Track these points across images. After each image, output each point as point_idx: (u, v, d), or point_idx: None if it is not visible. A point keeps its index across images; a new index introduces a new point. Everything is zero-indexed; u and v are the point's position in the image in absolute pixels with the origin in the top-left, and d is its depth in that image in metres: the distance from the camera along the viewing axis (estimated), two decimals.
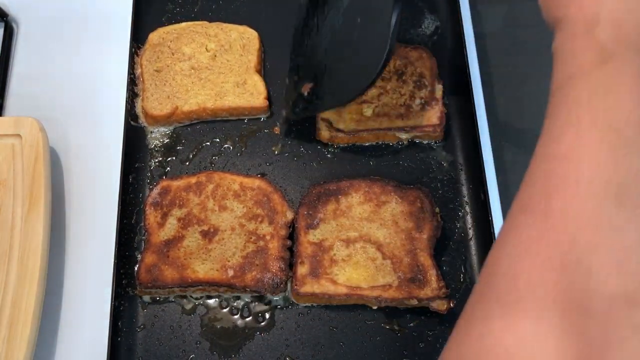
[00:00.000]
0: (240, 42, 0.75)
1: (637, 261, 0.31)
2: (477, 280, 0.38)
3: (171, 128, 0.74)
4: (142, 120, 0.73)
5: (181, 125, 0.74)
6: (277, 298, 0.65)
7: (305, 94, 0.67)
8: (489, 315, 0.34)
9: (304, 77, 0.68)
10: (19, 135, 0.68)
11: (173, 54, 0.75)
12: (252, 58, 0.74)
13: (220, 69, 0.74)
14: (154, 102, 0.72)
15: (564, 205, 0.33)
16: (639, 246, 0.31)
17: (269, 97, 0.73)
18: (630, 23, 0.35)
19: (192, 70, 0.74)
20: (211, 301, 0.65)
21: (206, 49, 0.75)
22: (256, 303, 0.65)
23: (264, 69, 0.77)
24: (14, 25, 0.81)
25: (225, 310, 0.65)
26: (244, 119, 0.74)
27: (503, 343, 0.32)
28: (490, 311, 0.34)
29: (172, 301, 0.65)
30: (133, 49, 0.76)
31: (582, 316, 0.31)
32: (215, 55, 0.74)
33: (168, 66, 0.74)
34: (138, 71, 0.75)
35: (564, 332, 0.31)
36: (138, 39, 0.77)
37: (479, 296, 0.36)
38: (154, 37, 0.76)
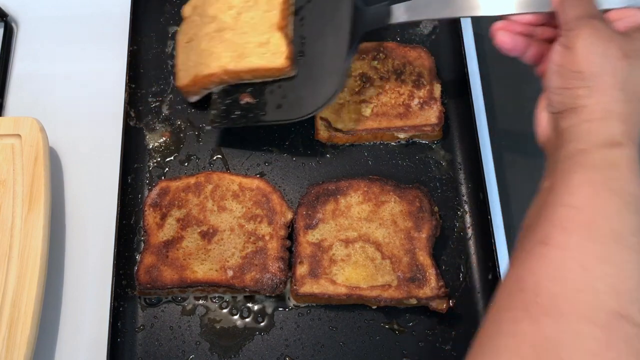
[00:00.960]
0: None
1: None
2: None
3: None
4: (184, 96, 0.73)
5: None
6: (276, 298, 0.65)
7: (243, 102, 0.68)
8: None
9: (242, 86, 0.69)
10: (18, 135, 0.68)
11: (201, 20, 0.71)
12: (275, 13, 0.67)
13: (244, 28, 0.68)
14: (183, 73, 0.71)
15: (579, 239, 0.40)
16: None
17: (293, 56, 0.66)
18: (633, 121, 0.43)
19: (216, 33, 0.69)
20: (211, 302, 0.65)
21: (229, 6, 0.69)
22: (256, 303, 0.65)
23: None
24: (14, 25, 0.82)
25: (224, 310, 0.65)
26: None
27: None
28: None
29: (172, 302, 0.65)
30: (132, 49, 0.76)
31: None
32: (240, 13, 0.68)
33: (196, 34, 0.71)
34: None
35: None
36: (137, 39, 0.78)
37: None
38: (187, 9, 0.74)
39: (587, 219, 0.40)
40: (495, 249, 0.63)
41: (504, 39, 0.52)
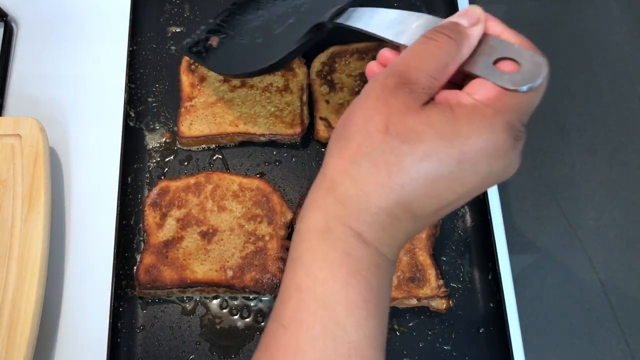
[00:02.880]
0: None
1: None
2: None
3: None
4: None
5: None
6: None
7: (212, 44, 0.68)
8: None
9: (217, 31, 0.69)
10: (18, 135, 0.68)
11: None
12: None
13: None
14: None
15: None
16: None
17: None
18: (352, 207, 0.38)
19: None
20: (211, 302, 0.65)
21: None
22: (255, 303, 0.65)
23: None
24: (14, 25, 0.81)
25: (224, 310, 0.65)
26: None
27: None
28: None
29: (172, 302, 0.66)
30: (132, 49, 0.76)
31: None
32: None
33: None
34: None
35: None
36: (137, 39, 0.78)
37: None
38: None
39: (291, 342, 0.38)
40: (495, 249, 0.63)
41: (371, 67, 0.48)
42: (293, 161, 0.72)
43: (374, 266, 0.38)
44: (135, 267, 0.66)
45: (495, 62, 0.40)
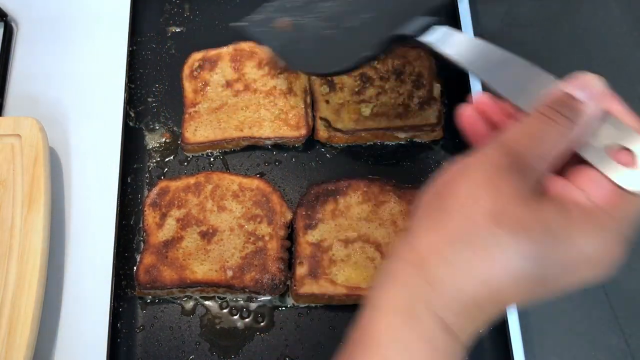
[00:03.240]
0: None
1: None
2: None
3: None
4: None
5: None
6: (276, 298, 0.65)
7: (276, 27, 0.63)
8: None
9: (284, 13, 0.64)
10: (18, 135, 0.68)
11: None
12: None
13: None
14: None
15: None
16: None
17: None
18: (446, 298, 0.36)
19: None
20: (210, 302, 0.65)
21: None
22: (255, 303, 0.65)
23: None
24: (14, 25, 0.82)
25: (224, 310, 0.65)
26: None
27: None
28: None
29: (172, 302, 0.65)
30: (132, 49, 0.76)
31: None
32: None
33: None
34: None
35: None
36: (136, 39, 0.78)
37: None
38: None
39: None
40: None
41: (467, 113, 0.44)
42: (293, 161, 0.72)
43: (451, 355, 0.36)
44: (135, 267, 0.66)
45: (609, 147, 0.36)
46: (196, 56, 0.75)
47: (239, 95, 0.72)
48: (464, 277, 0.35)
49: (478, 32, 0.78)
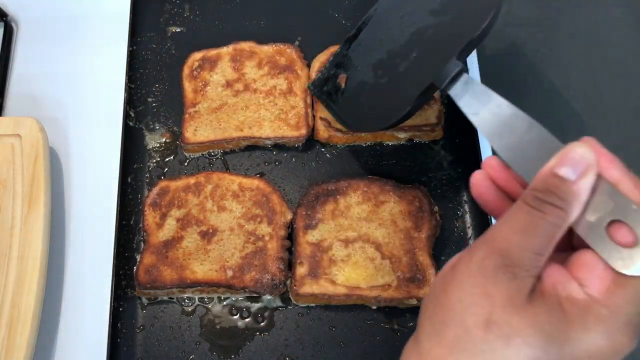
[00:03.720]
0: None
1: None
2: None
3: None
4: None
5: None
6: (276, 298, 0.65)
7: (341, 83, 0.67)
8: None
9: (343, 70, 0.67)
10: (18, 135, 0.68)
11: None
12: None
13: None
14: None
15: None
16: None
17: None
18: None
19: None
20: (210, 302, 0.65)
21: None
22: (255, 303, 0.65)
23: None
24: (14, 25, 0.81)
25: (224, 310, 0.65)
26: None
27: None
28: None
29: (172, 302, 0.65)
30: (132, 49, 0.76)
31: None
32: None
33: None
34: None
35: None
36: (136, 38, 0.78)
37: None
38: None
39: None
40: None
41: (480, 182, 0.43)
42: (293, 161, 0.72)
43: None
44: (135, 267, 0.66)
45: (609, 224, 0.34)
46: (196, 56, 0.75)
47: (239, 95, 0.72)
48: None
49: None
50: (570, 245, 0.38)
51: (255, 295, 0.64)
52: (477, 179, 0.42)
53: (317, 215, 0.66)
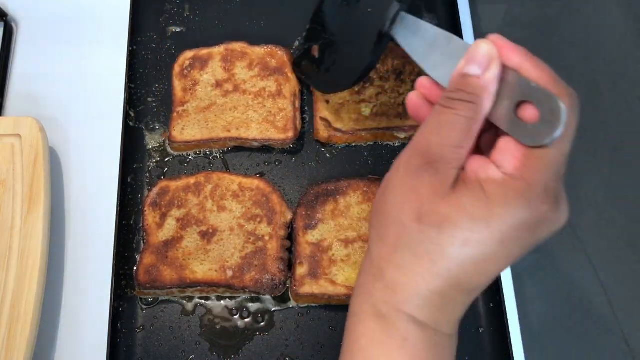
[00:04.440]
0: None
1: None
2: None
3: None
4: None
5: None
6: (276, 298, 0.65)
7: (314, 54, 0.67)
8: None
9: (314, 39, 0.67)
10: (18, 135, 0.68)
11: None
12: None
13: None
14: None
15: None
16: None
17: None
18: (404, 294, 0.38)
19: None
20: (210, 302, 0.65)
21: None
22: (255, 303, 0.65)
23: None
24: (14, 25, 0.81)
25: (224, 310, 0.65)
26: None
27: None
28: None
29: (172, 302, 0.66)
30: (132, 49, 0.76)
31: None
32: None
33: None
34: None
35: None
36: (136, 38, 0.78)
37: None
38: None
39: None
40: None
41: (414, 101, 0.45)
42: (293, 161, 0.72)
43: (433, 346, 0.38)
44: (135, 267, 0.66)
45: (518, 106, 0.37)
46: (187, 55, 0.75)
47: (228, 95, 0.72)
48: (415, 275, 0.37)
49: (478, 32, 0.78)
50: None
51: (255, 295, 0.64)
52: (412, 99, 0.45)
53: (317, 215, 0.66)
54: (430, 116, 0.39)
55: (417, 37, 0.48)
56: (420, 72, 0.71)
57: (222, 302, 0.65)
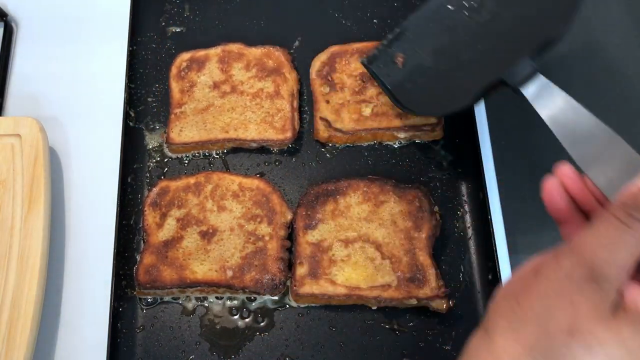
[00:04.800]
0: None
1: None
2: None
3: None
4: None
5: None
6: (276, 298, 0.65)
7: (398, 63, 0.66)
8: None
9: (401, 49, 0.66)
10: (18, 135, 0.68)
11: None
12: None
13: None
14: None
15: None
16: None
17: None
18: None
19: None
20: (211, 302, 0.65)
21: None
22: (255, 303, 0.65)
23: None
24: (14, 25, 0.82)
25: (224, 310, 0.65)
26: None
27: None
28: None
29: (172, 302, 0.65)
30: (132, 49, 0.76)
31: None
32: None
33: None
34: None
35: None
36: (136, 38, 0.78)
37: None
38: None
39: None
40: (495, 249, 0.63)
41: (553, 189, 0.43)
42: (293, 161, 0.72)
43: None
44: (135, 267, 0.66)
45: None
46: (184, 56, 0.75)
47: (226, 96, 0.72)
48: None
49: None
50: None
51: (255, 295, 0.64)
52: (550, 187, 0.43)
53: (317, 216, 0.66)
54: (600, 225, 0.36)
55: (564, 114, 0.45)
56: None
57: (222, 302, 0.65)
